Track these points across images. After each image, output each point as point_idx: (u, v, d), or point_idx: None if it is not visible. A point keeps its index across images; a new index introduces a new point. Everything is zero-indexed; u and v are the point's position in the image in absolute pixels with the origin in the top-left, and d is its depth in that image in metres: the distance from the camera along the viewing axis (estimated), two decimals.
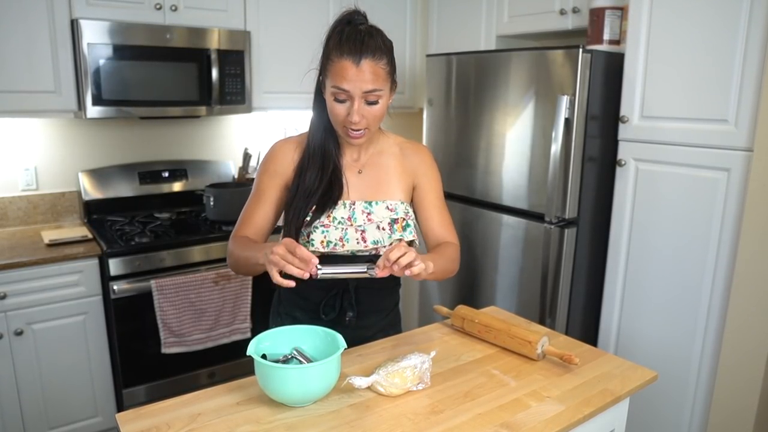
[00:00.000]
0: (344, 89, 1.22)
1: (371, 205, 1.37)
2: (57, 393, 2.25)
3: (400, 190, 1.40)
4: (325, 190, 1.34)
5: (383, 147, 1.43)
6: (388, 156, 1.42)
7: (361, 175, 1.39)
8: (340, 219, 1.35)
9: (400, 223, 1.36)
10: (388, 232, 1.35)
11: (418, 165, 1.43)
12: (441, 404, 1.14)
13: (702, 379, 1.96)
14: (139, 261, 2.32)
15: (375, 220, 1.36)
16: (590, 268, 2.26)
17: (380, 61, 1.24)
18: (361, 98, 1.24)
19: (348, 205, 1.36)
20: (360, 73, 1.21)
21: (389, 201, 1.38)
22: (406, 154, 1.43)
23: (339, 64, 1.22)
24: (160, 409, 1.10)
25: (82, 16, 2.25)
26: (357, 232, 1.35)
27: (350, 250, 1.35)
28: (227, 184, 2.92)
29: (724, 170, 1.82)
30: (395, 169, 1.41)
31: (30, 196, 2.59)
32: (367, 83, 1.22)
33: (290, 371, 1.06)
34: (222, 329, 2.49)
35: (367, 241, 1.35)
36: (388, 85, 1.28)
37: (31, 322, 2.15)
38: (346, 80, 1.21)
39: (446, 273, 1.38)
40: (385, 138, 1.44)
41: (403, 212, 1.38)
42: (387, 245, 1.36)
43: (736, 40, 1.74)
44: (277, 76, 2.77)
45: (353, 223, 1.35)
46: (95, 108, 2.31)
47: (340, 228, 1.34)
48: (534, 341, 1.32)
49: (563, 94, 2.05)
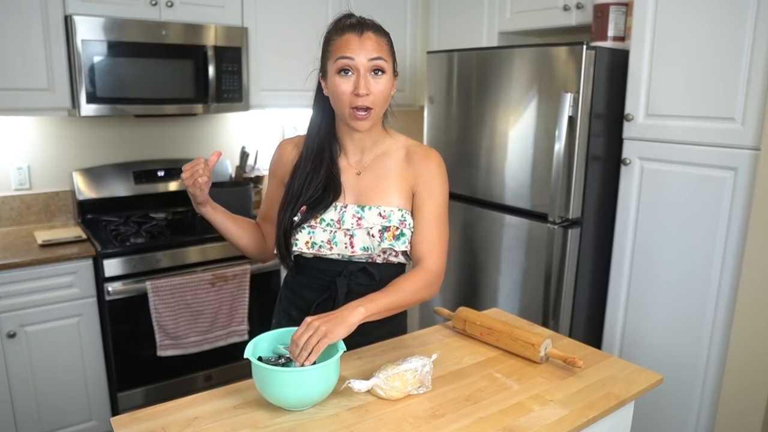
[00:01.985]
0: (349, 56, 1.24)
1: (363, 209, 1.34)
2: (51, 396, 2.25)
3: (398, 196, 1.35)
4: (317, 193, 1.34)
5: (388, 149, 1.39)
6: (392, 159, 1.38)
7: (360, 177, 1.38)
8: (328, 221, 1.34)
9: (392, 232, 1.32)
10: (377, 240, 1.32)
11: (421, 172, 1.36)
12: (442, 408, 1.14)
13: (708, 382, 1.96)
14: (134, 262, 2.32)
15: (365, 226, 1.33)
16: (594, 269, 2.26)
17: (382, 38, 1.28)
18: (367, 70, 1.25)
19: (339, 208, 1.35)
20: (363, 43, 1.24)
21: (383, 207, 1.34)
22: (413, 159, 1.37)
23: (342, 38, 1.26)
24: (155, 412, 1.10)
25: (76, 12, 2.25)
26: (345, 236, 1.33)
27: (339, 253, 1.35)
28: (224, 183, 2.92)
29: (731, 169, 1.82)
30: (396, 175, 1.37)
31: (23, 196, 2.59)
32: (371, 51, 1.25)
33: (288, 374, 1.06)
34: (219, 331, 2.49)
35: (355, 247, 1.33)
36: (391, 62, 1.30)
37: (24, 324, 2.15)
38: (350, 49, 1.24)
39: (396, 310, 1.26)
40: (391, 140, 1.40)
41: (397, 220, 1.33)
42: (377, 254, 1.34)
43: (744, 36, 1.74)
44: (275, 73, 2.77)
45: (342, 226, 1.33)
46: (89, 106, 2.31)
47: (328, 230, 1.33)
48: (537, 344, 1.32)
49: (567, 91, 2.05)
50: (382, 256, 1.36)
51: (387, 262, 1.38)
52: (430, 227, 1.34)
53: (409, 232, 1.34)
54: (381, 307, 1.20)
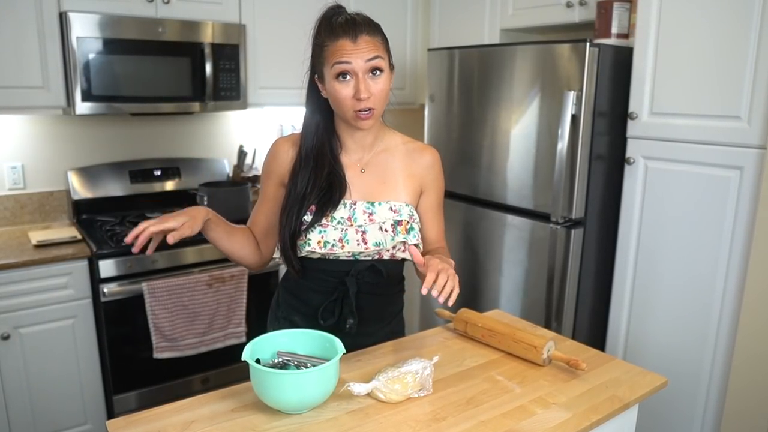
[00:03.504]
0: (346, 61, 1.24)
1: (373, 205, 1.36)
2: (45, 399, 2.25)
3: (406, 192, 1.39)
4: (323, 192, 1.34)
5: (389, 145, 1.42)
6: (394, 155, 1.41)
7: (364, 174, 1.39)
8: (339, 219, 1.34)
9: (403, 225, 1.35)
10: (391, 234, 1.35)
11: (427, 171, 1.43)
12: (443, 411, 1.13)
13: (714, 385, 1.96)
14: (130, 263, 2.32)
15: (377, 221, 1.35)
16: (598, 269, 2.26)
17: (375, 36, 1.28)
18: (365, 72, 1.25)
19: (349, 205, 1.35)
20: (358, 47, 1.25)
21: (393, 202, 1.37)
22: (414, 157, 1.42)
23: (335, 44, 1.26)
24: (151, 416, 1.10)
25: (71, 8, 2.25)
26: (357, 233, 1.34)
27: (351, 251, 1.35)
28: (221, 183, 2.92)
29: (737, 168, 1.82)
30: (402, 170, 1.40)
31: (17, 196, 2.59)
32: (367, 52, 1.25)
33: (286, 377, 1.06)
34: (216, 333, 2.49)
35: (368, 243, 1.34)
36: (387, 59, 1.31)
37: (19, 326, 2.15)
38: (347, 54, 1.24)
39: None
40: (390, 136, 1.44)
41: (407, 214, 1.37)
42: (389, 248, 1.36)
43: (749, 33, 1.74)
44: (273, 71, 2.77)
45: (353, 223, 1.34)
46: (85, 104, 2.31)
47: (339, 228, 1.34)
48: (539, 346, 1.32)
49: (570, 89, 2.05)
50: (390, 252, 1.37)
51: (393, 258, 1.39)
52: (439, 220, 1.47)
53: (417, 227, 1.38)
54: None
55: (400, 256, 1.39)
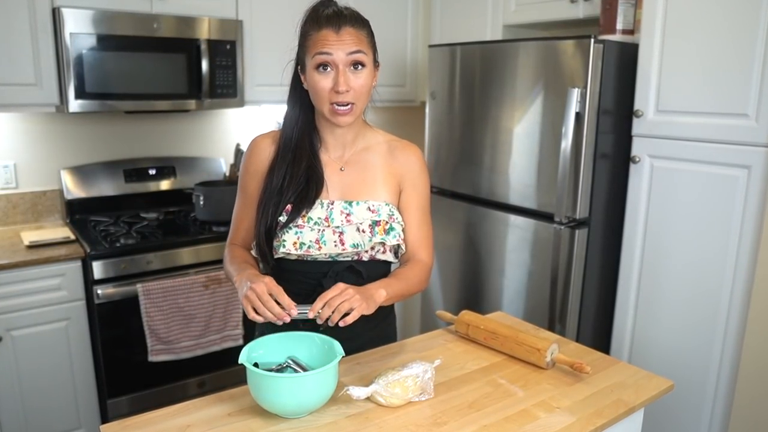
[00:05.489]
0: (327, 52, 1.25)
1: (351, 205, 1.35)
2: (38, 403, 2.25)
3: (386, 191, 1.38)
4: (300, 188, 1.33)
5: (370, 143, 1.42)
6: (375, 154, 1.41)
7: (344, 173, 1.38)
8: (316, 219, 1.33)
9: (382, 226, 1.34)
10: (368, 235, 1.33)
11: (407, 170, 1.40)
12: (444, 415, 1.14)
13: (721, 388, 1.96)
14: (124, 264, 2.32)
15: (354, 222, 1.34)
16: (602, 271, 2.26)
17: (361, 30, 1.28)
18: (346, 65, 1.26)
19: (326, 205, 1.35)
20: (341, 39, 1.25)
21: (372, 201, 1.36)
22: (396, 155, 1.41)
23: (318, 34, 1.26)
24: (146, 420, 1.10)
25: (64, 4, 2.25)
26: (335, 234, 1.33)
27: (328, 253, 1.34)
28: (218, 182, 2.92)
29: (744, 167, 1.82)
30: (382, 169, 1.39)
31: (9, 195, 2.59)
32: (350, 45, 1.25)
33: (284, 380, 1.06)
34: (212, 336, 2.49)
35: (345, 244, 1.33)
36: (371, 54, 1.31)
37: (11, 328, 2.15)
38: (328, 44, 1.25)
39: (403, 298, 1.36)
40: (372, 134, 1.43)
41: (386, 214, 1.35)
42: (368, 249, 1.35)
43: (757, 29, 1.74)
44: (270, 68, 2.76)
45: (330, 224, 1.33)
46: (78, 101, 2.31)
47: (316, 229, 1.33)
48: (543, 349, 1.32)
49: (574, 86, 2.05)
50: (370, 253, 1.37)
51: (373, 260, 1.38)
52: (419, 222, 1.41)
53: (398, 227, 1.37)
54: (396, 292, 1.28)
55: (381, 258, 1.38)
